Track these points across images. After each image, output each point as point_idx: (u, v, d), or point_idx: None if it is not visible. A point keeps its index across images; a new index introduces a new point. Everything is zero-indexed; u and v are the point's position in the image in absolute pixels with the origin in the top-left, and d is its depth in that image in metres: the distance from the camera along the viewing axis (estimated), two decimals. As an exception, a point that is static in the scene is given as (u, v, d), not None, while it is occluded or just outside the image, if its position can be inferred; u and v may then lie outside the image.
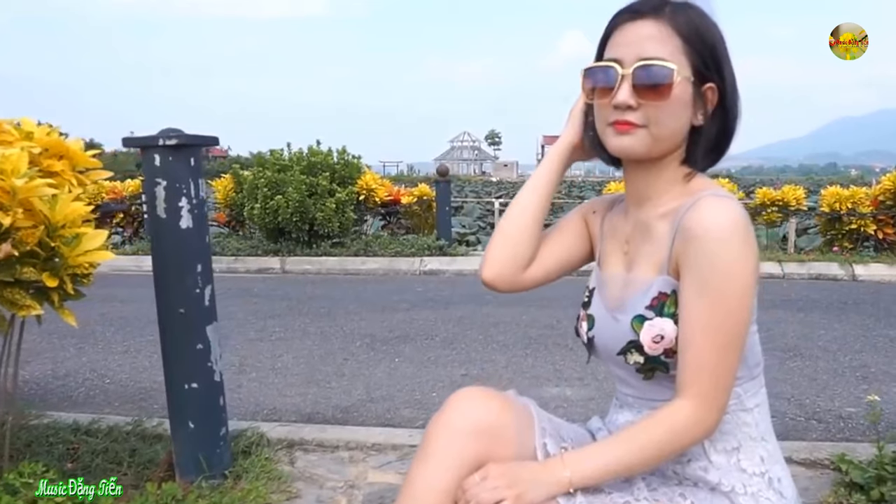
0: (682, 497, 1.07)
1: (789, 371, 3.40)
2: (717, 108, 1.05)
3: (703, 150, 1.06)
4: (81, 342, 3.94)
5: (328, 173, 7.37)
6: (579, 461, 1.03)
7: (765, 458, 1.09)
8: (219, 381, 1.96)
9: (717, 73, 1.03)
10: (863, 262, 6.73)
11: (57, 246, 1.63)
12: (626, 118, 1.01)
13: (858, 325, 4.43)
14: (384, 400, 2.93)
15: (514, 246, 1.18)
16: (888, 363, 3.53)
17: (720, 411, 1.00)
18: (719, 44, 1.04)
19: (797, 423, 2.71)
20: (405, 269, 6.90)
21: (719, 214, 0.97)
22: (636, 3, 1.03)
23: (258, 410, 2.84)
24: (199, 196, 1.88)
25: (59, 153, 1.78)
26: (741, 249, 0.96)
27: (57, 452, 2.08)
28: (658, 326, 1.02)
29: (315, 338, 4.12)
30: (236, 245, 7.50)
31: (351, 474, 2.04)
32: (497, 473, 1.02)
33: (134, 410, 2.74)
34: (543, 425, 1.15)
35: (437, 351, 3.76)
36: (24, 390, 3.07)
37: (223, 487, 1.90)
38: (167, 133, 1.83)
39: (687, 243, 0.98)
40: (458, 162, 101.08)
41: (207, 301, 1.91)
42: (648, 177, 1.08)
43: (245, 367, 3.49)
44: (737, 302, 0.97)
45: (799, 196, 7.50)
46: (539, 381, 3.16)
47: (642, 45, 1.00)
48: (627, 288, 1.10)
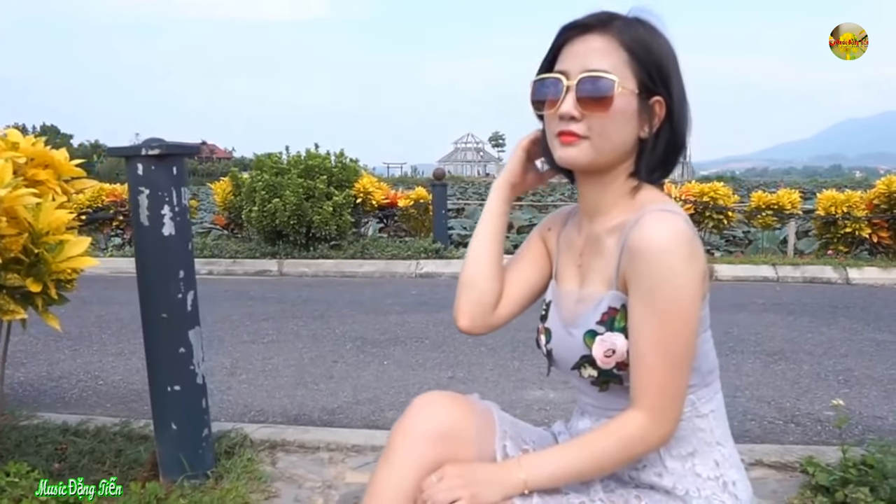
0: (637, 499, 1.09)
1: (772, 374, 3.43)
2: (665, 121, 1.07)
3: (649, 162, 1.07)
4: (77, 344, 4.00)
5: (325, 177, 7.43)
6: (535, 464, 1.06)
7: (720, 462, 1.11)
8: (201, 383, 2.01)
9: (664, 86, 1.05)
10: (857, 265, 6.74)
11: (41, 252, 1.69)
12: (570, 129, 1.03)
13: (847, 329, 4.46)
14: (370, 402, 2.98)
15: (477, 294, 1.21)
16: (871, 367, 3.56)
17: (673, 422, 1.03)
18: (667, 58, 1.05)
19: (775, 427, 2.75)
20: (402, 271, 6.95)
21: (663, 230, 0.98)
22: (585, 18, 1.05)
23: (246, 412, 2.89)
24: (181, 204, 1.93)
25: (45, 162, 1.84)
26: (685, 264, 0.98)
27: (45, 452, 2.13)
28: (609, 341, 1.05)
29: (307, 340, 4.17)
30: (235, 247, 7.57)
31: (329, 475, 2.09)
32: (453, 474, 1.05)
33: (124, 412, 2.80)
34: (504, 428, 1.18)
35: (425, 354, 3.80)
36: (19, 391, 3.14)
37: (204, 487, 1.95)
38: (150, 143, 1.88)
39: (632, 259, 1.00)
40: (461, 164, 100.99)
41: (190, 306, 1.96)
42: (598, 189, 1.10)
43: (236, 369, 3.55)
44: (683, 316, 0.99)
45: (794, 200, 7.53)
46: (524, 383, 3.20)
47: (588, 58, 1.03)
48: (580, 303, 1.12)
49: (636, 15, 1.06)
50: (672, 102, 1.06)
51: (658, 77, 1.04)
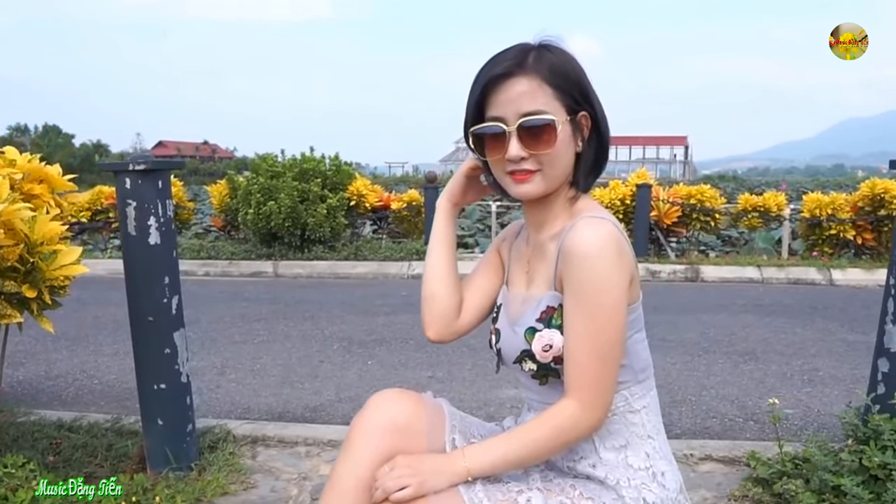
0: (572, 488, 1.19)
1: (740, 374, 3.57)
2: (592, 130, 1.17)
3: (584, 172, 1.18)
4: (74, 345, 4.15)
5: (320, 179, 7.58)
6: (477, 454, 1.17)
7: (650, 454, 1.21)
8: (186, 382, 2.16)
9: (587, 102, 1.14)
10: (841, 266, 6.85)
11: (36, 261, 1.84)
12: (522, 167, 1.12)
13: (820, 330, 4.59)
14: (351, 400, 3.13)
15: (438, 306, 1.32)
16: (837, 367, 3.69)
17: (602, 410, 1.12)
18: (581, 75, 1.14)
19: (735, 424, 2.88)
20: (394, 272, 7.09)
21: (592, 235, 1.08)
22: (501, 65, 1.11)
23: (232, 409, 3.04)
24: (166, 215, 2.08)
25: (39, 178, 1.99)
26: (611, 266, 1.07)
27: (41, 447, 2.28)
28: (547, 337, 1.14)
29: (296, 341, 4.32)
30: (231, 249, 7.72)
31: (305, 467, 2.24)
32: (403, 464, 1.16)
33: (117, 409, 2.94)
34: (454, 423, 1.31)
35: (409, 354, 3.95)
36: (17, 390, 3.28)
37: (188, 478, 2.10)
38: (137, 159, 2.03)
39: (566, 261, 1.10)
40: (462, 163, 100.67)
41: (175, 310, 2.11)
42: (544, 206, 1.20)
43: (226, 368, 3.70)
44: (609, 313, 1.07)
45: (780, 202, 7.65)
46: (499, 382, 3.34)
47: (520, 102, 1.10)
48: (524, 303, 1.22)
49: (541, 42, 1.14)
50: (596, 113, 1.16)
51: (580, 96, 1.14)
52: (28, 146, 39.77)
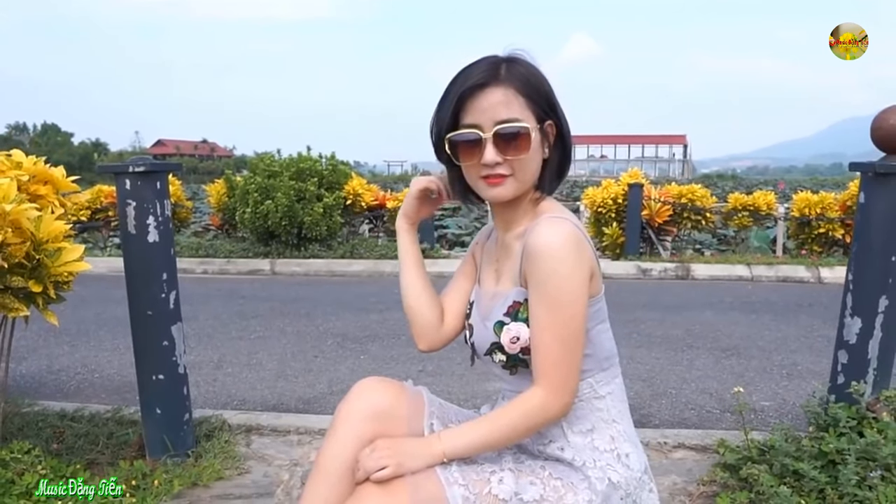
0: (542, 468, 1.28)
1: (721, 369, 3.69)
2: (557, 139, 1.26)
3: (550, 177, 1.28)
4: (75, 340, 4.27)
5: (316, 179, 7.69)
6: (452, 437, 1.26)
7: (615, 438, 1.29)
8: (182, 373, 2.27)
9: (553, 112, 1.23)
10: (829, 265, 6.96)
11: (41, 258, 1.95)
12: (496, 172, 1.21)
13: (803, 327, 4.70)
14: (343, 393, 3.15)
15: (421, 321, 1.43)
16: (816, 362, 3.80)
17: (568, 395, 1.19)
18: (548, 86, 1.23)
19: (712, 416, 2.99)
20: (389, 270, 7.19)
21: (552, 234, 1.15)
22: (476, 77, 1.19)
23: (229, 401, 3.15)
24: (164, 214, 2.19)
25: (44, 179, 2.10)
26: (571, 262, 1.15)
27: (44, 435, 2.39)
28: (514, 330, 1.23)
29: (291, 337, 4.43)
30: (229, 247, 7.83)
31: (297, 454, 2.35)
32: (383, 446, 1.25)
33: (117, 400, 3.04)
34: (432, 409, 1.40)
35: (400, 349, 4.06)
36: (21, 383, 3.39)
37: (185, 465, 2.21)
38: (136, 161, 2.14)
39: (529, 259, 1.17)
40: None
41: (172, 304, 2.22)
42: (511, 208, 1.29)
43: (223, 362, 3.81)
44: (570, 305, 1.15)
45: (770, 202, 7.77)
46: (487, 376, 3.45)
47: (495, 111, 1.18)
48: (494, 299, 1.31)
49: (511, 55, 1.23)
50: (561, 121, 1.25)
51: (548, 107, 1.23)
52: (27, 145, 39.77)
